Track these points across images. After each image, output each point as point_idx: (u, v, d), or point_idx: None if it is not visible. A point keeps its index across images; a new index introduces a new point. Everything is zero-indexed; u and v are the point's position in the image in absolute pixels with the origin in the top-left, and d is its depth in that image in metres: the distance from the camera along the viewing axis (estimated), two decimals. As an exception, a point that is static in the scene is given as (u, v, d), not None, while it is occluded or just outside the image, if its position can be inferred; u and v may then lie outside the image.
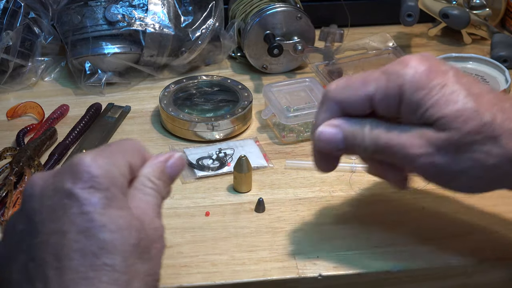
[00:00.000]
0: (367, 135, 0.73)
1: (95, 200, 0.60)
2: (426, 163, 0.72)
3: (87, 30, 1.06)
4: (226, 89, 1.05)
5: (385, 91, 0.73)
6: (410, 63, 0.73)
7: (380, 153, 0.74)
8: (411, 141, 0.72)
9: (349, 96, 0.75)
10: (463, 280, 0.82)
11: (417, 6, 1.16)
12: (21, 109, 1.04)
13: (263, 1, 1.12)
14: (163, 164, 0.67)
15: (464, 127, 0.71)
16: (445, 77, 0.72)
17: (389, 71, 0.73)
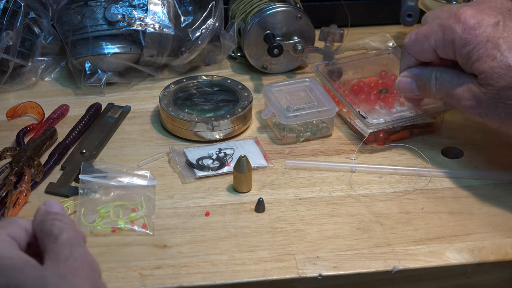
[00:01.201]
0: (433, 84, 0.89)
1: None
2: (473, 113, 0.85)
3: (87, 30, 1.06)
4: (226, 89, 1.05)
5: (442, 44, 0.86)
6: (461, 18, 0.84)
7: (444, 99, 0.89)
8: (462, 94, 0.85)
9: (418, 50, 0.89)
10: (463, 280, 0.82)
11: (417, 6, 1.16)
12: (21, 109, 1.04)
13: (263, 1, 1.12)
14: (42, 210, 0.67)
15: (498, 84, 0.81)
16: (491, 31, 0.82)
17: (444, 26, 0.85)
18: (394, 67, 1.06)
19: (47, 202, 0.68)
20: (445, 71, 0.88)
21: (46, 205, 0.68)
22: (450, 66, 0.89)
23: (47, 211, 0.67)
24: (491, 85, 0.82)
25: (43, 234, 0.64)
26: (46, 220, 0.65)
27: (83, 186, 0.89)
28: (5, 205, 0.86)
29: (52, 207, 0.67)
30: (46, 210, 0.67)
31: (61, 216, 0.66)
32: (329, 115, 0.99)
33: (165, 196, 0.90)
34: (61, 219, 0.65)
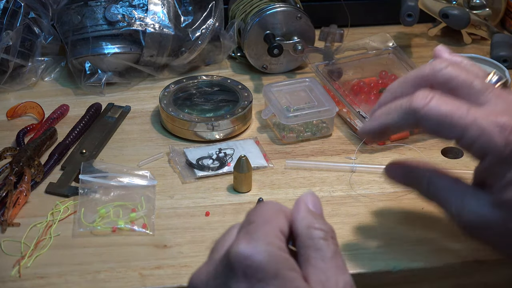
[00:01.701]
0: (424, 186, 0.76)
1: None
2: (468, 233, 0.73)
3: (87, 30, 1.06)
4: (226, 89, 1.05)
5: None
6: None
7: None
8: (464, 213, 0.72)
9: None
10: (463, 280, 0.82)
11: (417, 6, 1.16)
12: (21, 109, 1.04)
13: (263, 1, 1.12)
14: (308, 208, 0.62)
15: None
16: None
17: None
18: (394, 67, 1.06)
19: (309, 199, 0.62)
20: (442, 177, 0.74)
21: (310, 202, 0.62)
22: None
23: (313, 215, 0.61)
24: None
25: (310, 242, 0.60)
26: (315, 229, 0.60)
27: (83, 186, 0.89)
28: (5, 205, 0.86)
29: (316, 207, 0.62)
30: (313, 213, 0.61)
31: (329, 231, 0.61)
32: (329, 115, 0.99)
33: (165, 196, 0.90)
34: (331, 236, 0.61)
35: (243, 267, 0.56)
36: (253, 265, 0.56)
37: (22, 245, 0.83)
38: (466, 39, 1.20)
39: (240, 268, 0.56)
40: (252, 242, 0.57)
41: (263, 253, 0.56)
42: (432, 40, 1.22)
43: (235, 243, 0.58)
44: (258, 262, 0.56)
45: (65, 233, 0.85)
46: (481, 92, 0.70)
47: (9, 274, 0.79)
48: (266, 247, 0.57)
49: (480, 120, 0.68)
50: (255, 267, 0.56)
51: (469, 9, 1.19)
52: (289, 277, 0.57)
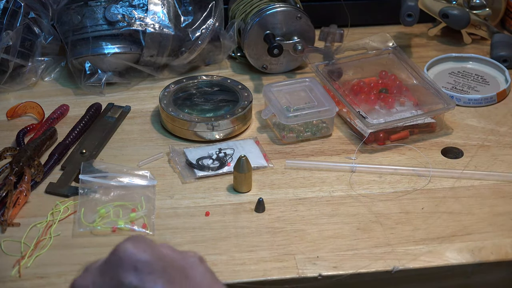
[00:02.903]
0: None
1: (159, 286, 0.59)
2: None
3: (87, 30, 1.06)
4: (226, 89, 1.05)
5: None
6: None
7: None
8: None
9: None
10: (463, 280, 0.82)
11: (417, 6, 1.16)
12: (21, 109, 1.04)
13: (263, 1, 1.12)
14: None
15: None
16: None
17: None
18: (394, 67, 1.06)
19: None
20: None
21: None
22: None
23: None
24: None
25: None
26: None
27: (83, 186, 0.89)
28: (5, 205, 0.86)
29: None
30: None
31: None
32: (329, 115, 0.99)
33: (165, 196, 0.90)
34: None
35: (133, 261, 0.59)
36: (142, 260, 0.59)
37: (22, 245, 0.83)
38: (466, 39, 1.20)
39: (129, 262, 0.59)
40: (136, 243, 0.60)
41: (147, 252, 0.60)
42: (432, 40, 1.22)
43: (121, 244, 0.60)
44: (145, 259, 0.59)
45: (65, 233, 0.85)
46: None
47: (9, 274, 0.79)
48: (150, 248, 0.60)
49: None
50: (143, 262, 0.59)
51: (469, 9, 1.19)
52: (175, 275, 0.60)
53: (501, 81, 1.11)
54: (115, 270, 0.59)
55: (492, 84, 1.10)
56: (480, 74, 1.12)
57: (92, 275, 0.60)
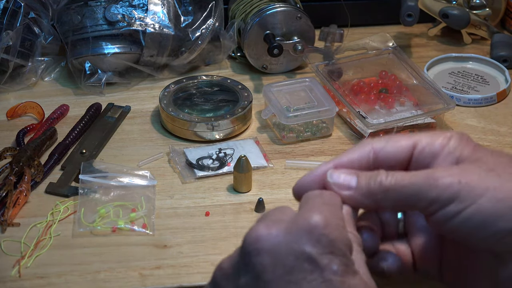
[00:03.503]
0: (382, 172, 0.66)
1: (335, 267, 0.58)
2: (452, 181, 0.64)
3: (87, 30, 1.06)
4: (226, 89, 1.05)
5: (431, 138, 0.68)
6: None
7: (398, 184, 0.65)
8: (435, 179, 0.64)
9: (388, 142, 0.69)
10: (463, 280, 0.81)
11: (417, 6, 1.16)
12: (21, 109, 1.04)
13: (263, 1, 1.12)
14: (343, 214, 0.64)
15: (499, 160, 0.65)
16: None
17: (434, 132, 0.69)
18: (394, 67, 1.06)
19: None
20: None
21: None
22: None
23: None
24: (489, 162, 0.66)
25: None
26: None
27: (83, 186, 0.89)
28: (5, 205, 0.86)
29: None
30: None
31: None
32: (329, 115, 0.99)
33: (165, 196, 0.90)
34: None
35: (320, 235, 0.58)
36: (328, 238, 0.58)
37: (22, 245, 0.83)
38: (466, 39, 1.20)
39: (316, 235, 0.58)
40: (329, 217, 0.59)
41: (337, 231, 0.59)
42: (432, 40, 1.22)
43: (309, 211, 0.60)
44: (333, 237, 0.58)
45: (65, 233, 0.85)
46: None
47: (9, 274, 0.79)
48: (340, 228, 0.59)
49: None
50: (329, 241, 0.58)
51: (469, 9, 1.19)
52: (351, 262, 0.59)
53: (501, 81, 1.11)
54: (301, 235, 0.59)
55: (492, 84, 1.10)
56: (480, 74, 1.12)
57: (277, 229, 0.60)
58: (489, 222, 0.63)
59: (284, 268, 0.58)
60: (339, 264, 0.58)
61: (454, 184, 0.63)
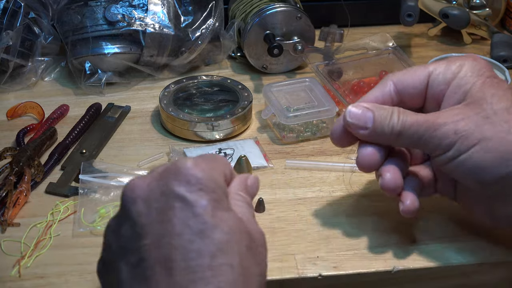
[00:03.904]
0: (395, 115, 0.74)
1: (204, 202, 0.61)
2: (449, 130, 0.72)
3: (87, 30, 1.06)
4: (226, 89, 1.05)
5: (444, 67, 0.76)
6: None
7: (407, 131, 0.74)
8: (437, 116, 0.74)
9: (406, 74, 0.77)
10: (463, 280, 0.82)
11: (417, 6, 1.16)
12: (21, 109, 1.04)
13: (263, 1, 1.12)
14: (245, 181, 0.70)
15: (498, 104, 0.72)
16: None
17: (448, 59, 0.77)
18: (394, 67, 1.06)
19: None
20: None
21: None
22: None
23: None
24: (489, 104, 0.73)
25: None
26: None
27: (83, 186, 0.89)
28: (5, 205, 0.86)
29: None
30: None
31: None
32: (329, 115, 0.99)
33: (165, 196, 0.90)
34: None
35: (188, 175, 0.62)
36: (196, 176, 0.62)
37: (22, 245, 0.83)
38: (466, 39, 1.20)
39: (184, 175, 0.62)
40: (199, 162, 0.64)
41: (205, 171, 0.63)
42: (432, 40, 1.22)
43: (183, 158, 0.65)
44: (200, 176, 0.62)
45: (65, 233, 0.85)
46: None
47: (9, 274, 0.79)
48: (209, 169, 0.64)
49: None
50: (197, 179, 0.62)
51: (469, 9, 1.19)
52: (223, 199, 0.64)
53: (501, 81, 1.11)
54: (170, 177, 0.62)
55: (492, 84, 1.10)
56: (480, 74, 1.12)
57: (151, 178, 0.64)
58: (478, 169, 0.72)
59: (157, 211, 0.62)
60: (208, 200, 0.62)
61: (450, 135, 0.72)
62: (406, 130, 0.74)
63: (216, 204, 0.62)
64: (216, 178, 0.64)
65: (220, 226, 0.61)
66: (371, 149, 0.76)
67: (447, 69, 0.76)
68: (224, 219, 0.62)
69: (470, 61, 0.76)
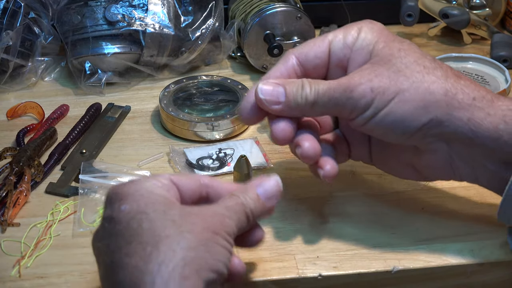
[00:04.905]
0: (307, 85, 0.75)
1: (124, 207, 0.67)
2: (365, 89, 0.73)
3: (87, 30, 1.06)
4: (226, 89, 1.05)
5: (343, 34, 0.77)
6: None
7: (321, 99, 0.75)
8: (350, 79, 0.74)
9: (306, 46, 0.78)
10: (463, 280, 0.82)
11: (417, 6, 1.16)
12: (21, 109, 1.04)
13: (263, 1, 1.12)
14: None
15: (405, 59, 0.74)
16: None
17: (346, 25, 0.79)
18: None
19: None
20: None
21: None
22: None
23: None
24: (397, 59, 0.75)
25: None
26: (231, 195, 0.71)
27: (83, 186, 0.89)
28: (5, 205, 0.86)
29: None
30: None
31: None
32: (329, 115, 0.99)
33: (165, 196, 0.90)
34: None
35: (109, 196, 0.68)
36: (114, 192, 0.68)
37: (22, 245, 0.83)
38: (466, 39, 1.20)
39: (107, 198, 0.68)
40: (122, 183, 0.69)
41: (127, 185, 0.68)
42: (432, 40, 1.22)
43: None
44: (117, 190, 0.67)
45: (65, 233, 0.85)
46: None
47: (9, 274, 0.79)
48: (131, 182, 0.68)
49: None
50: (115, 194, 0.67)
51: (469, 9, 1.19)
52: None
53: (501, 81, 1.11)
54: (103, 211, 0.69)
55: (492, 84, 1.10)
56: (480, 74, 1.12)
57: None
58: (399, 122, 0.73)
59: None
60: (127, 204, 0.66)
61: (367, 93, 0.73)
62: (320, 98, 0.74)
63: (133, 204, 0.67)
64: (140, 189, 0.69)
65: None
66: (284, 122, 0.76)
67: (347, 33, 0.77)
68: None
69: (367, 23, 0.78)
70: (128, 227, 0.65)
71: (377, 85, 0.73)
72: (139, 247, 0.64)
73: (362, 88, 0.73)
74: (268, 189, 0.73)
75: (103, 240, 0.67)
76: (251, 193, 0.72)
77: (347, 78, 0.75)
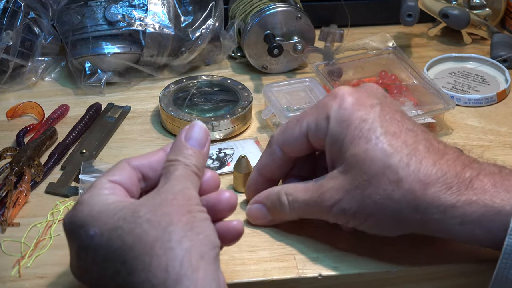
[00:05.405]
0: (284, 200, 0.79)
1: (92, 232, 0.68)
2: (337, 212, 0.76)
3: (87, 30, 1.06)
4: (226, 89, 1.05)
5: (315, 123, 0.77)
6: (339, 95, 0.76)
7: (301, 213, 0.80)
8: (322, 196, 0.76)
9: (287, 138, 0.79)
10: (463, 280, 0.82)
11: (417, 6, 1.16)
12: (21, 109, 1.04)
13: (263, 1, 1.12)
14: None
15: (370, 169, 0.72)
16: (369, 112, 0.75)
17: (319, 105, 0.77)
18: (394, 67, 1.06)
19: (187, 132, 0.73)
20: (295, 184, 0.80)
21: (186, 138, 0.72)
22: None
23: (183, 146, 0.72)
24: (362, 170, 0.73)
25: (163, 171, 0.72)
26: (169, 161, 0.71)
27: (83, 186, 0.89)
28: (5, 205, 0.86)
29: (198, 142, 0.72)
30: (184, 145, 0.72)
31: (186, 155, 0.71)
32: (329, 115, 0.99)
33: (165, 196, 0.90)
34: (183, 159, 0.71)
35: (68, 227, 0.69)
36: (70, 220, 0.69)
37: (22, 245, 0.83)
38: (466, 39, 1.20)
39: (67, 231, 0.70)
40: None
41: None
42: (432, 40, 1.22)
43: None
44: (70, 217, 0.69)
45: (65, 233, 0.85)
46: None
47: (9, 274, 0.79)
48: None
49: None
50: (71, 222, 0.69)
51: (469, 9, 1.19)
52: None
53: (501, 81, 1.11)
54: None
55: (492, 84, 1.10)
56: (480, 74, 1.12)
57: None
58: (381, 232, 0.77)
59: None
60: (93, 229, 0.66)
61: (341, 215, 0.76)
62: (297, 210, 0.79)
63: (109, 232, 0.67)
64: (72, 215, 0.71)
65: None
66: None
67: (318, 122, 0.77)
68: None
69: (335, 114, 0.76)
70: (112, 249, 0.64)
71: (348, 206, 0.75)
72: (137, 262, 0.63)
73: (335, 210, 0.76)
74: (197, 136, 0.73)
75: (91, 272, 0.66)
76: (185, 149, 0.72)
77: (319, 192, 0.76)
